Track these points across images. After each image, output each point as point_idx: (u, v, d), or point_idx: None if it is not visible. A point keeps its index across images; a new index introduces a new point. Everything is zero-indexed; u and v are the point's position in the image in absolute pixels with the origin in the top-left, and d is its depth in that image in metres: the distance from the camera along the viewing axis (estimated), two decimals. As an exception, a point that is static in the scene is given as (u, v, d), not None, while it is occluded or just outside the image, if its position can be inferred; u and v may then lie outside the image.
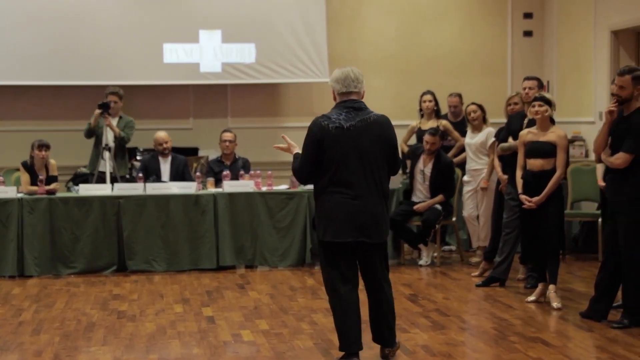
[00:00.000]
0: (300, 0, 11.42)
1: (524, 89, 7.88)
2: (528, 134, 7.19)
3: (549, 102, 7.08)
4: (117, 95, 9.75)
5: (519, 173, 7.23)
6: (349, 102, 5.55)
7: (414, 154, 9.33)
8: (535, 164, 7.08)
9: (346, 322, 5.38)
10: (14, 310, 7.14)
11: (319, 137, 5.37)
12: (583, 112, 10.89)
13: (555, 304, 6.95)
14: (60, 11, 10.92)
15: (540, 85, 7.83)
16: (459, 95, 10.49)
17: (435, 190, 9.09)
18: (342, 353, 5.42)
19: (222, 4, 11.27)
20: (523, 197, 7.11)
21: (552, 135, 7.06)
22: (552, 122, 7.19)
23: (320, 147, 5.36)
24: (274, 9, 11.35)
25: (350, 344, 5.38)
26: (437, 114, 10.13)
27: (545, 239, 7.06)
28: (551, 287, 7.06)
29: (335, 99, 5.60)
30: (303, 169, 5.46)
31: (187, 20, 11.19)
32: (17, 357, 5.76)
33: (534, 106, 7.12)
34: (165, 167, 9.78)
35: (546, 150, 7.03)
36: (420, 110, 10.17)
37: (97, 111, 9.49)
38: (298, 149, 5.58)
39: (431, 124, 9.89)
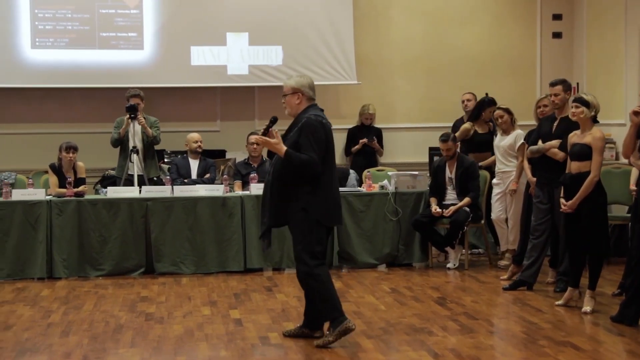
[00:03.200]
0: (327, 2, 11.42)
1: (550, 95, 7.77)
2: (573, 136, 7.06)
3: (586, 104, 6.96)
4: (139, 97, 9.75)
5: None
6: (317, 105, 6.15)
7: (438, 166, 9.29)
8: (573, 166, 6.99)
9: (333, 289, 6.00)
10: (43, 312, 7.18)
11: (325, 135, 5.97)
12: (613, 114, 10.79)
13: (587, 308, 6.86)
14: (89, 9, 11.00)
15: (568, 88, 7.73)
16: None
17: (462, 192, 9.06)
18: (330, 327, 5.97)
19: (249, 7, 11.30)
20: (561, 200, 7.03)
21: (589, 137, 6.92)
22: (596, 122, 7.05)
23: (327, 144, 5.98)
24: (301, 11, 11.37)
25: (340, 306, 5.98)
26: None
27: (581, 244, 6.96)
28: (588, 292, 6.96)
29: (300, 102, 6.06)
30: (319, 160, 5.88)
31: (215, 23, 11.24)
32: (46, 359, 5.78)
33: (571, 107, 7.03)
34: (194, 167, 9.85)
35: (583, 152, 6.90)
36: (475, 115, 9.97)
37: (127, 118, 9.49)
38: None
39: (483, 129, 9.84)
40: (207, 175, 9.81)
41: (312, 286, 6.00)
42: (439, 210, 8.96)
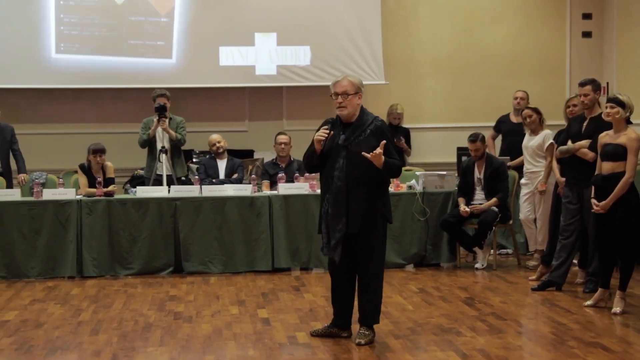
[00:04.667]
0: (355, 2, 11.43)
1: (579, 95, 7.69)
2: (605, 136, 6.97)
3: (621, 104, 6.87)
4: (165, 97, 9.73)
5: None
6: None
7: (467, 166, 9.26)
8: (605, 167, 6.90)
9: None
10: (73, 311, 7.25)
11: None
12: (644, 113, 10.71)
13: (616, 309, 6.81)
14: (117, 16, 11.09)
15: (597, 88, 7.65)
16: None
17: (490, 193, 9.02)
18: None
19: (277, 7, 11.34)
20: (592, 201, 6.98)
21: (623, 137, 6.82)
22: (630, 123, 6.99)
23: None
24: (329, 11, 11.38)
25: None
26: None
27: (613, 245, 6.91)
28: (618, 292, 6.90)
29: (359, 103, 6.04)
30: None
31: (243, 24, 11.28)
32: (77, 357, 5.84)
33: (606, 107, 6.96)
34: (221, 167, 9.88)
35: (617, 153, 6.81)
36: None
37: (156, 118, 9.52)
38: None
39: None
40: (235, 175, 9.84)
41: (374, 287, 6.04)
42: (467, 209, 8.93)
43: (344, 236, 5.89)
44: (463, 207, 8.96)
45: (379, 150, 5.78)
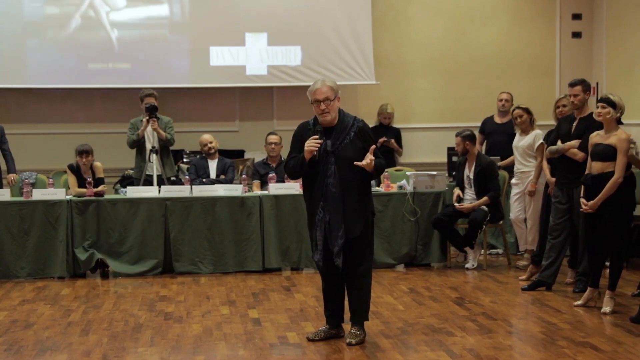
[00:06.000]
0: (346, 2, 11.42)
1: (569, 96, 7.69)
2: (596, 136, 6.98)
3: (612, 104, 6.89)
4: (154, 97, 9.71)
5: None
6: None
7: (459, 164, 9.28)
8: (595, 166, 6.92)
9: None
10: (63, 311, 7.23)
11: None
12: (634, 114, 10.71)
13: (606, 309, 6.83)
14: (107, 15, 11.08)
15: (587, 88, 7.65)
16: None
17: (480, 191, 9.03)
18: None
19: (268, 7, 11.32)
20: (581, 200, 6.99)
21: (613, 138, 6.82)
22: (620, 123, 7.00)
23: None
24: (320, 11, 11.37)
25: None
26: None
27: (602, 245, 6.92)
28: (608, 292, 6.93)
29: (338, 106, 5.99)
30: None
31: (234, 24, 11.26)
32: (66, 357, 5.82)
33: (597, 107, 6.97)
34: (212, 167, 9.86)
35: (606, 153, 6.82)
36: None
37: (146, 118, 9.51)
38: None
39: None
40: (222, 177, 9.80)
41: (366, 283, 6.08)
42: (460, 194, 9.02)
43: (344, 243, 5.91)
44: (457, 195, 9.01)
45: (370, 157, 5.83)
